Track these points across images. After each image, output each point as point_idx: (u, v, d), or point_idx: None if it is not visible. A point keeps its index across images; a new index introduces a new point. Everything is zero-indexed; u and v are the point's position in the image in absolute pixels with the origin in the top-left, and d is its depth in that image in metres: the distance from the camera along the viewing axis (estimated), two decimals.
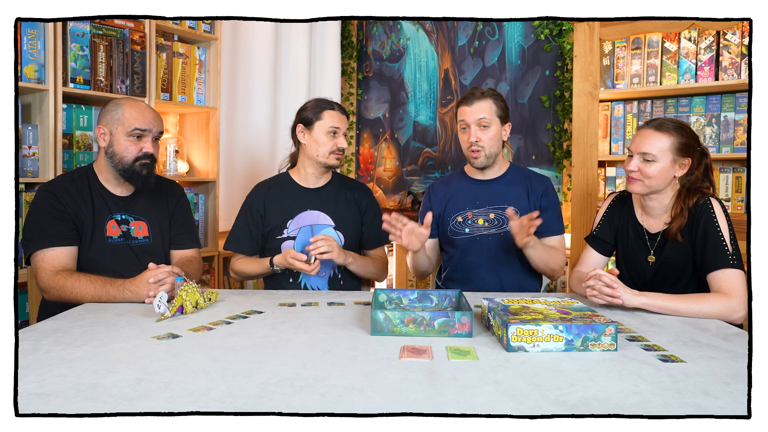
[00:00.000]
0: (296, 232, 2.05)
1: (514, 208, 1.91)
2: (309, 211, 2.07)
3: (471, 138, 1.97)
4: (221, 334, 1.33)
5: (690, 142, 1.67)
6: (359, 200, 2.15)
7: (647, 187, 1.68)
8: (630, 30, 2.75)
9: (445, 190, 2.13)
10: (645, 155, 1.66)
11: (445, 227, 2.09)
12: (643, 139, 1.68)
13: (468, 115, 1.98)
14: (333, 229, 2.07)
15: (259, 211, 2.08)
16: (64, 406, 0.91)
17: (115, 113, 1.81)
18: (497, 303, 1.43)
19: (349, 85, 4.05)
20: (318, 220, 2.07)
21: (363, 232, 2.15)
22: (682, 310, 1.52)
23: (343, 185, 2.16)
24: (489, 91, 2.00)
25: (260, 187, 2.15)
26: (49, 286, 1.67)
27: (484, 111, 1.96)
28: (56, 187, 1.79)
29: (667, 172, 1.66)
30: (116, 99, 1.87)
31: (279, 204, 2.08)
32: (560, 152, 3.33)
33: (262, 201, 2.09)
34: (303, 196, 2.09)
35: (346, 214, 2.10)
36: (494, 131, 1.98)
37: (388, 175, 4.00)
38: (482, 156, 1.99)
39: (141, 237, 1.89)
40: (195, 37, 2.77)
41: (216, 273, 2.92)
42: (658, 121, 1.70)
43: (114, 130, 1.80)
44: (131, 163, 1.80)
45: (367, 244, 2.17)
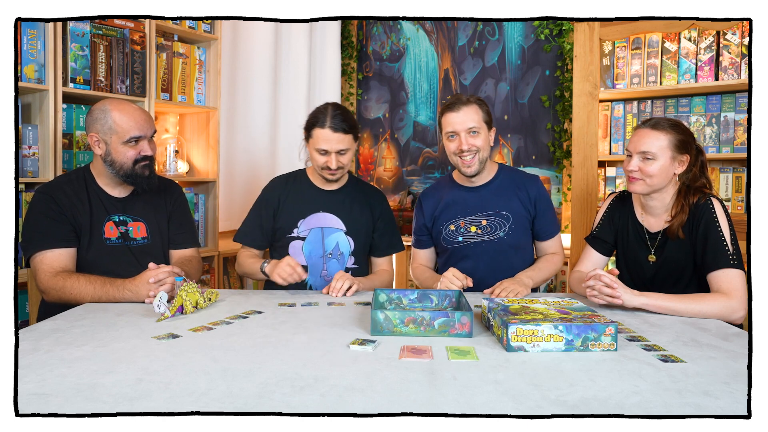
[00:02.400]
0: (306, 232, 2.02)
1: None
2: (322, 213, 2.03)
3: (462, 146, 1.91)
4: (221, 334, 1.33)
5: (686, 139, 1.69)
6: (373, 207, 2.11)
7: (649, 186, 1.69)
8: (630, 30, 2.75)
9: (435, 199, 2.10)
10: (644, 154, 1.67)
11: (438, 236, 2.07)
12: (641, 138, 1.69)
13: (457, 124, 1.92)
14: (344, 234, 2.04)
15: (273, 206, 2.05)
16: (64, 406, 0.91)
17: (104, 121, 1.76)
18: (497, 303, 1.43)
19: (349, 85, 4.05)
20: (330, 224, 2.03)
21: (374, 239, 2.11)
22: (681, 310, 1.52)
23: (359, 190, 2.12)
24: (473, 98, 1.95)
25: (277, 181, 2.12)
26: (48, 288, 1.67)
27: (472, 119, 1.91)
28: (53, 189, 1.78)
29: (667, 169, 1.67)
30: (100, 103, 1.81)
31: (293, 202, 2.05)
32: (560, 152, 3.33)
33: (277, 196, 2.06)
34: (317, 197, 2.06)
35: (358, 220, 2.06)
36: (484, 137, 1.94)
37: (388, 175, 4.00)
38: (476, 162, 1.94)
39: (140, 238, 1.88)
40: (195, 37, 2.77)
41: (216, 273, 2.92)
42: (654, 120, 1.72)
43: (109, 139, 1.77)
44: (132, 167, 1.79)
45: (376, 252, 2.13)
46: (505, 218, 2.00)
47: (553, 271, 1.99)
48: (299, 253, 2.02)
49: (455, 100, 1.95)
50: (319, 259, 2.02)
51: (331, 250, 2.03)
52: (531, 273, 1.91)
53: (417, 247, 2.17)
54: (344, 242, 2.04)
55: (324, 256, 2.02)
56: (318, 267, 2.03)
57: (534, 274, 1.91)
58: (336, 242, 2.03)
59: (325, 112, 1.93)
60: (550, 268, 1.98)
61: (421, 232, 2.14)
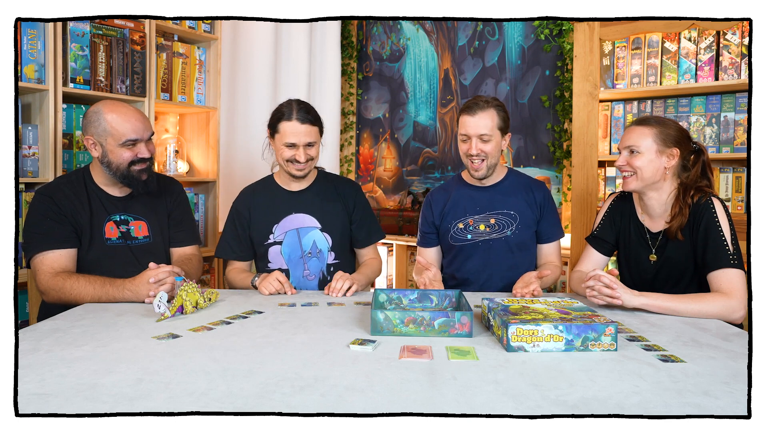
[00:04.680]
0: (282, 236, 2.02)
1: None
2: (294, 215, 2.03)
3: (472, 150, 1.94)
4: (221, 334, 1.33)
5: (674, 133, 1.70)
6: (346, 198, 2.10)
7: (641, 181, 1.70)
8: (630, 30, 2.75)
9: (444, 198, 2.11)
10: (630, 148, 1.70)
11: (445, 234, 2.07)
12: (628, 134, 1.73)
13: (471, 128, 1.93)
14: (319, 231, 2.03)
15: (244, 216, 2.05)
16: (64, 406, 0.91)
17: (98, 123, 1.76)
18: (497, 303, 1.43)
19: (349, 85, 4.05)
20: (304, 223, 2.03)
21: (353, 231, 2.10)
22: (682, 310, 1.52)
23: (329, 184, 2.11)
24: (493, 101, 1.96)
25: (245, 192, 2.12)
26: (48, 288, 1.67)
27: (486, 126, 1.92)
28: (52, 190, 1.78)
29: (654, 162, 1.68)
30: (94, 105, 1.80)
31: (264, 209, 2.04)
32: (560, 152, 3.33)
33: (247, 207, 2.06)
34: (287, 199, 2.05)
35: (332, 215, 2.05)
36: (495, 143, 1.95)
37: (388, 175, 4.00)
38: (483, 167, 1.96)
39: (141, 237, 1.88)
40: (195, 37, 2.77)
41: (216, 273, 2.92)
42: (642, 117, 1.76)
43: (104, 141, 1.76)
44: (127, 168, 1.79)
45: (357, 243, 2.13)
46: (512, 218, 2.01)
47: (551, 281, 2.00)
48: (278, 256, 2.02)
49: (474, 103, 1.96)
50: (299, 260, 2.02)
51: (309, 249, 2.03)
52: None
53: (423, 245, 2.16)
54: (321, 239, 2.03)
55: (303, 256, 2.02)
56: (299, 268, 2.03)
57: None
58: (313, 240, 2.03)
59: (290, 106, 1.96)
60: (550, 277, 1.98)
61: (429, 229, 2.13)
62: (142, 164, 1.80)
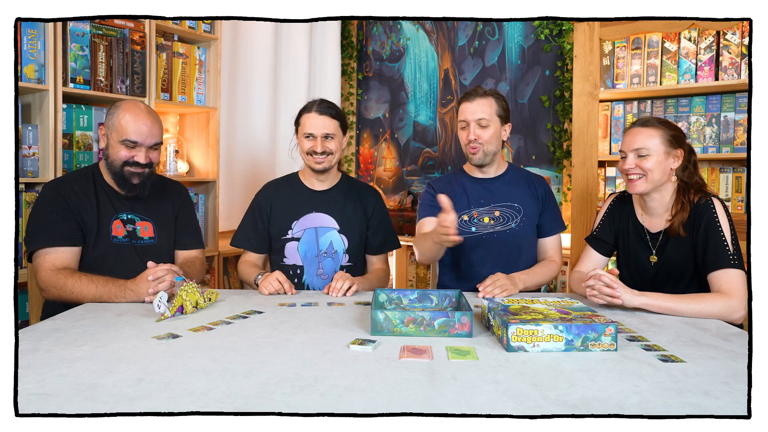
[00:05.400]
0: (301, 233, 2.04)
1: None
2: (314, 214, 2.06)
3: (470, 135, 1.97)
4: (221, 334, 1.33)
5: (677, 134, 1.72)
6: (366, 204, 2.12)
7: (650, 183, 1.69)
8: (630, 30, 2.75)
9: (447, 190, 2.07)
10: (639, 151, 1.69)
11: None
12: (634, 136, 1.72)
13: (468, 114, 1.97)
14: (337, 233, 2.06)
15: (265, 209, 2.08)
16: (64, 406, 0.91)
17: (112, 117, 1.79)
18: (497, 303, 1.43)
19: (349, 85, 4.05)
20: (323, 223, 2.05)
21: (368, 237, 2.12)
22: (682, 310, 1.52)
23: (351, 188, 2.14)
24: (491, 90, 2.01)
25: (269, 186, 2.15)
26: (48, 285, 1.67)
27: (483, 111, 1.96)
28: (62, 186, 1.79)
29: (663, 164, 1.68)
30: (120, 101, 1.85)
31: (285, 204, 2.07)
32: (560, 152, 3.33)
33: (269, 200, 2.09)
34: (309, 197, 2.08)
35: (351, 218, 2.08)
36: (493, 130, 1.97)
37: (388, 175, 4.00)
38: (480, 152, 1.98)
39: (146, 237, 1.88)
40: (195, 37, 2.77)
41: (216, 273, 2.92)
42: (643, 119, 1.75)
43: (110, 135, 1.80)
44: (120, 167, 1.79)
45: (370, 249, 2.14)
46: (516, 210, 2.03)
47: (547, 277, 1.99)
48: (295, 253, 2.04)
49: (473, 91, 2.00)
50: (314, 259, 2.04)
51: (325, 249, 2.04)
52: (524, 277, 1.90)
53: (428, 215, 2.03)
54: (338, 241, 2.05)
55: (319, 255, 2.04)
56: (314, 266, 2.04)
57: (527, 278, 1.90)
58: (330, 241, 2.05)
59: (314, 101, 2.03)
60: (546, 274, 1.98)
61: (432, 202, 2.00)
62: (137, 168, 1.79)
